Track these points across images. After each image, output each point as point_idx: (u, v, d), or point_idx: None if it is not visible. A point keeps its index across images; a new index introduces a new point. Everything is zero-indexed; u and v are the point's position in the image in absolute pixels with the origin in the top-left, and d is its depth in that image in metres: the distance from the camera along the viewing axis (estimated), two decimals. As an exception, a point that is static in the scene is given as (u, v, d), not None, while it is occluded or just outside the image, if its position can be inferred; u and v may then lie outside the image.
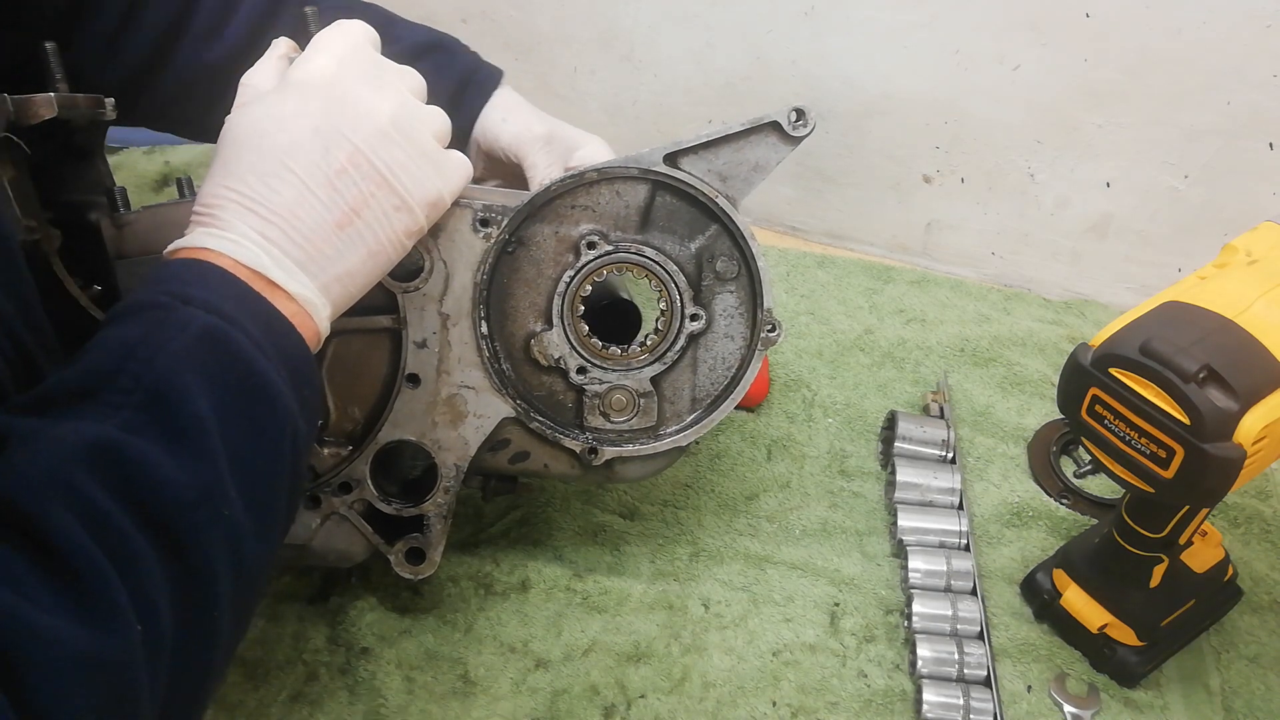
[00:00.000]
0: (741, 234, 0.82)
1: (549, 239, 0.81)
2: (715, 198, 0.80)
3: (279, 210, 0.63)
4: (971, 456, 1.12)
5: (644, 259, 0.82)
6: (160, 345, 0.54)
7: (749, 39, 1.39)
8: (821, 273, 1.40)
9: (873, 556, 1.02)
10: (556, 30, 1.50)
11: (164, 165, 1.48)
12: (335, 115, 0.65)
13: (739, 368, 0.86)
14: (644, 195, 0.81)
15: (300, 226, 0.63)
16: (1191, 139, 1.24)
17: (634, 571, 0.98)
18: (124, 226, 0.77)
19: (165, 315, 0.56)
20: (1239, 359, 0.72)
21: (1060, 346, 1.28)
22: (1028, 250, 1.42)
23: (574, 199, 0.81)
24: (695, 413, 0.87)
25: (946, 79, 1.31)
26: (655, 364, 0.85)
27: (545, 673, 0.89)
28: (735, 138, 0.79)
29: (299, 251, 0.63)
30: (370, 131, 0.66)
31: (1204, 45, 1.17)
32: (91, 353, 0.55)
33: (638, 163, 0.79)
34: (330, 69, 0.67)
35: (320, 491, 0.82)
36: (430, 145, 0.70)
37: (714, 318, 0.85)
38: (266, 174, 0.63)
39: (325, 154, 0.64)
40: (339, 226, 0.65)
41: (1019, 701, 0.89)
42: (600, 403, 0.85)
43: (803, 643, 0.93)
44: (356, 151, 0.65)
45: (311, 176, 0.64)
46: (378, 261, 0.68)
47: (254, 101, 0.68)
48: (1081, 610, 0.92)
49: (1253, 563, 1.02)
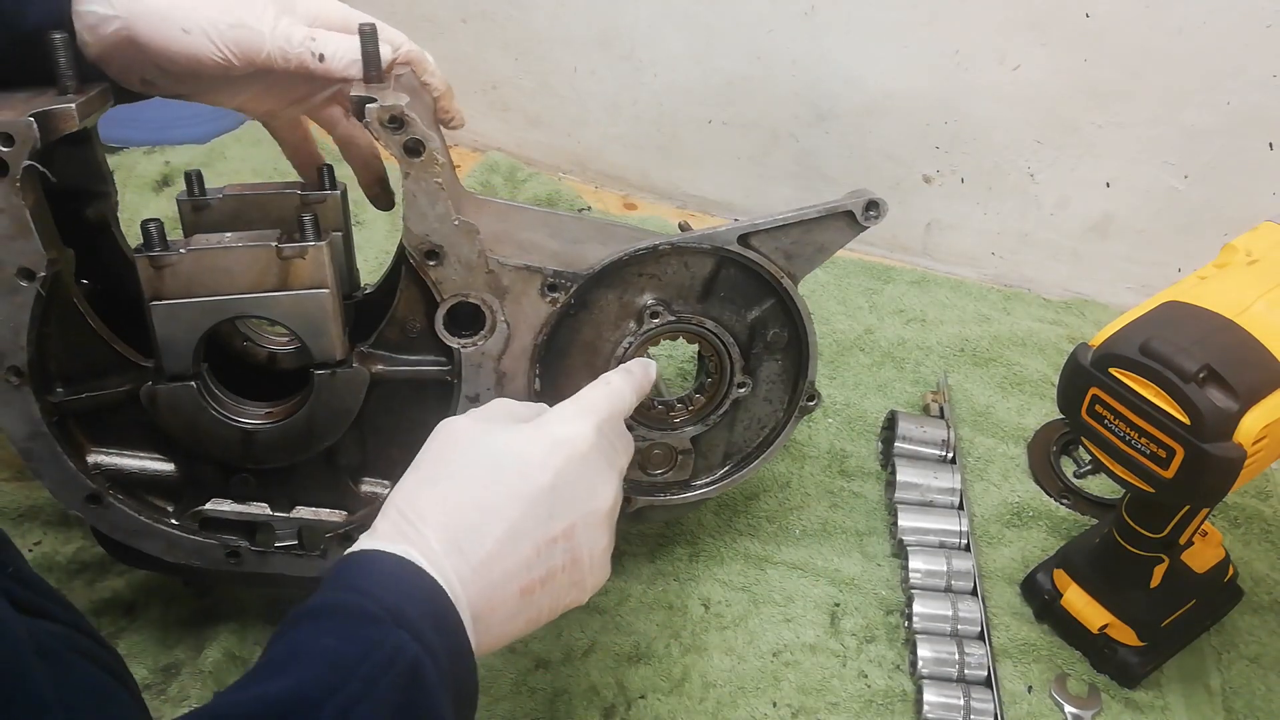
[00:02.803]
0: (799, 310, 0.83)
1: (612, 304, 0.81)
2: (780, 278, 0.81)
3: (478, 554, 0.60)
4: (971, 456, 1.12)
5: (704, 330, 0.83)
6: (370, 681, 0.52)
7: (749, 39, 1.39)
8: (821, 273, 1.40)
9: (873, 556, 1.02)
10: (556, 30, 1.50)
11: (164, 165, 1.48)
12: (571, 486, 0.64)
13: (774, 430, 0.89)
14: (710, 268, 0.81)
15: (488, 581, 0.60)
16: (1192, 139, 1.24)
17: (634, 571, 0.98)
18: (164, 267, 0.71)
19: (379, 638, 0.53)
20: (1239, 359, 0.72)
21: (1060, 346, 1.28)
22: (1028, 250, 1.42)
23: (641, 267, 0.80)
24: (726, 467, 0.91)
25: (946, 79, 1.31)
26: (697, 425, 0.87)
27: (545, 673, 0.89)
28: (809, 223, 0.80)
29: (481, 601, 0.60)
30: (590, 513, 0.65)
31: (1204, 45, 1.17)
32: (298, 665, 0.52)
33: (712, 240, 0.79)
34: (589, 439, 0.66)
35: (355, 532, 0.81)
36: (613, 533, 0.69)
37: (758, 383, 0.87)
38: (485, 510, 0.61)
39: (548, 520, 0.62)
40: (523, 592, 0.62)
41: (1019, 702, 0.89)
42: (640, 457, 0.87)
43: (803, 643, 0.93)
44: (572, 528, 0.64)
45: (525, 535, 0.61)
46: (531, 627, 0.65)
47: (501, 425, 0.66)
48: (1082, 610, 0.92)
49: (1253, 563, 1.02)
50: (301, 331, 0.75)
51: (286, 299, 0.73)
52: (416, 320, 0.79)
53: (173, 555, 0.82)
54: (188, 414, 0.77)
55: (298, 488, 0.82)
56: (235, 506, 0.82)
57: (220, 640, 0.88)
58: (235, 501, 0.82)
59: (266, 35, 0.72)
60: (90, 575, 0.94)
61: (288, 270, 0.72)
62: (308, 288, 0.73)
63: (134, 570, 0.93)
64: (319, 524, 0.82)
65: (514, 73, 1.58)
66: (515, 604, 0.62)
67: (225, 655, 0.87)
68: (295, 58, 0.73)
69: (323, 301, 0.73)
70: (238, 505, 0.82)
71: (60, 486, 0.78)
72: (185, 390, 0.76)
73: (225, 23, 0.72)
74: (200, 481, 0.81)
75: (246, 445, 0.78)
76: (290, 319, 0.74)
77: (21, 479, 1.01)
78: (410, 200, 0.73)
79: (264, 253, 0.72)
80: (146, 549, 0.82)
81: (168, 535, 0.81)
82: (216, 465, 0.80)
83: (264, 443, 0.78)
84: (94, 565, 0.94)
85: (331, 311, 0.74)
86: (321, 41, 0.73)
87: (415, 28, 1.57)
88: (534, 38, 1.52)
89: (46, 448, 0.76)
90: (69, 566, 0.94)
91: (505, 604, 0.61)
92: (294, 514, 0.82)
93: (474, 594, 0.59)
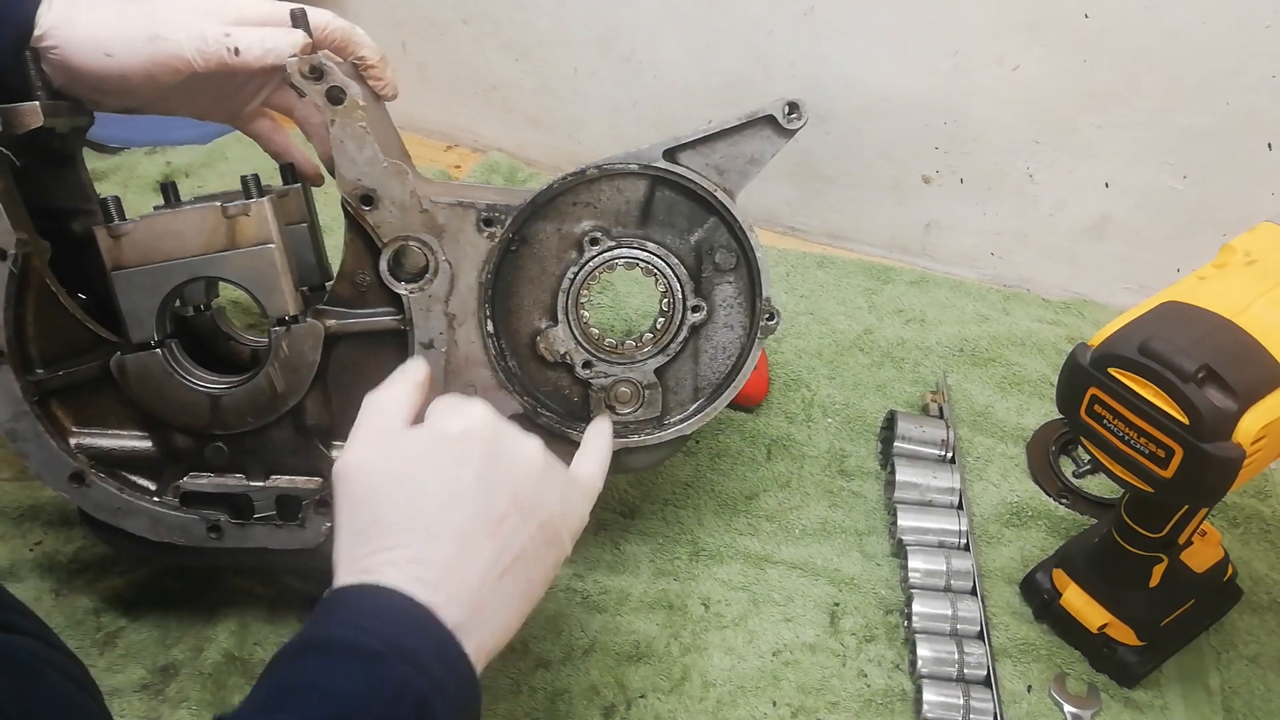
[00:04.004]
0: (739, 225, 0.83)
1: (551, 236, 0.82)
2: (714, 191, 0.81)
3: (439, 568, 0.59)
4: (971, 456, 1.12)
5: (647, 254, 0.83)
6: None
7: (749, 39, 1.39)
8: (821, 273, 1.40)
9: (872, 556, 1.02)
10: (556, 30, 1.50)
11: (165, 166, 1.48)
12: (494, 461, 0.63)
13: (739, 356, 0.87)
14: (644, 191, 0.82)
15: (464, 584, 0.60)
16: (1190, 139, 1.24)
17: (634, 571, 0.98)
18: (121, 236, 0.77)
19: (385, 675, 0.54)
20: (1238, 359, 0.72)
21: (1059, 346, 1.28)
22: (1026, 250, 1.42)
23: (575, 196, 0.81)
24: (698, 401, 0.88)
25: (945, 80, 1.32)
26: (659, 356, 0.86)
27: (545, 673, 0.89)
28: (731, 132, 0.81)
29: (462, 611, 0.59)
30: (525, 475, 0.64)
31: (1203, 46, 1.18)
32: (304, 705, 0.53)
33: (637, 159, 0.80)
34: (487, 416, 0.65)
35: (328, 495, 0.82)
36: (567, 472, 0.69)
37: (714, 308, 0.86)
38: (427, 529, 0.60)
39: (488, 502, 0.62)
40: (500, 575, 0.62)
41: (1019, 701, 0.89)
42: (606, 396, 0.86)
43: (803, 642, 0.93)
44: (516, 497, 0.63)
45: (475, 528, 0.61)
46: (529, 602, 0.65)
47: (400, 443, 0.64)
48: (1081, 610, 0.92)
49: (1252, 562, 1.02)
50: (254, 289, 0.79)
51: (236, 256, 0.78)
52: (365, 273, 0.82)
53: (157, 534, 0.84)
54: (156, 382, 0.81)
55: (271, 456, 0.84)
56: (213, 480, 0.84)
57: (220, 641, 0.88)
58: (213, 475, 0.84)
59: (183, 41, 0.76)
60: (90, 575, 0.94)
61: (234, 229, 0.77)
62: (255, 244, 0.78)
63: (134, 570, 0.94)
64: (295, 490, 0.84)
65: (514, 74, 1.58)
66: (500, 591, 0.61)
67: (225, 657, 0.87)
68: (213, 55, 0.77)
69: (270, 256, 0.78)
70: (216, 478, 0.84)
71: (44, 466, 0.81)
72: (151, 358, 0.80)
73: (141, 39, 0.76)
74: (176, 453, 0.84)
75: (215, 411, 0.82)
76: (242, 276, 0.79)
77: (22, 479, 1.01)
78: (339, 148, 0.77)
79: (211, 213, 0.77)
80: (131, 528, 0.83)
81: (150, 513, 0.83)
82: (190, 435, 0.83)
83: (231, 407, 0.82)
84: (94, 565, 0.94)
85: (280, 266, 0.79)
86: (235, 36, 0.77)
87: (416, 29, 1.58)
88: (534, 39, 1.52)
89: (30, 427, 0.80)
90: (69, 566, 0.94)
91: (491, 598, 0.61)
92: (269, 483, 0.85)
93: (454, 610, 0.59)
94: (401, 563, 0.59)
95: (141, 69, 0.76)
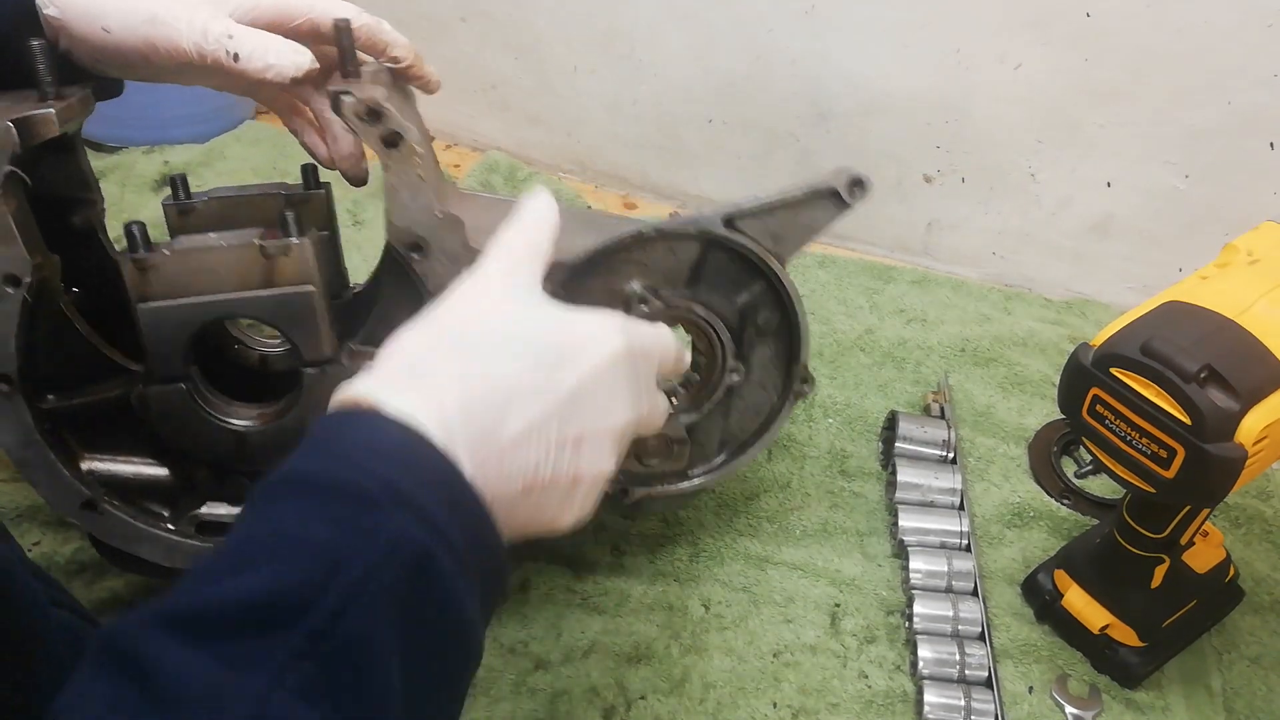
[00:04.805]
0: (788, 292, 0.82)
1: (599, 291, 0.80)
2: (768, 259, 0.80)
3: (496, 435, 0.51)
4: (972, 457, 1.12)
5: (694, 316, 0.82)
6: (364, 577, 0.42)
7: (749, 38, 1.39)
8: (822, 273, 1.40)
9: (873, 557, 1.02)
10: (556, 30, 1.50)
11: (163, 165, 1.47)
12: (591, 396, 0.55)
13: (770, 416, 0.88)
14: (697, 253, 0.80)
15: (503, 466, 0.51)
16: (1193, 138, 1.24)
17: (634, 572, 0.98)
18: (149, 269, 0.70)
19: (373, 522, 0.44)
20: (1240, 359, 0.71)
21: (1061, 346, 1.27)
22: (1029, 250, 1.42)
23: (628, 254, 0.79)
24: (722, 455, 0.90)
25: (947, 78, 1.31)
26: (691, 413, 0.86)
27: (545, 674, 0.89)
28: (792, 203, 0.79)
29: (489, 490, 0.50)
30: (603, 429, 0.56)
31: (1205, 44, 1.17)
32: (278, 557, 0.43)
33: (697, 224, 0.78)
34: (619, 350, 0.57)
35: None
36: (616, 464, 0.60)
37: (751, 368, 0.86)
38: (508, 391, 0.52)
39: (563, 423, 0.54)
40: (525, 490, 0.53)
41: (1020, 702, 0.89)
42: (635, 448, 0.85)
43: (803, 644, 0.93)
44: (581, 439, 0.55)
45: (541, 430, 0.53)
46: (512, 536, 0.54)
47: (530, 299, 0.58)
48: (1083, 611, 0.91)
49: (1254, 563, 1.02)
50: (289, 330, 0.74)
51: (272, 297, 0.72)
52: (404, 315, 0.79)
53: (171, 560, 0.81)
54: (179, 417, 0.76)
55: None
56: (231, 510, 0.81)
57: (219, 641, 0.87)
58: (231, 505, 0.81)
59: (183, 31, 0.70)
60: (90, 576, 0.94)
61: (272, 268, 0.72)
62: (293, 285, 0.72)
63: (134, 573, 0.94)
64: None
65: (514, 72, 1.58)
66: (514, 502, 0.53)
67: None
68: (211, 54, 0.71)
69: (309, 299, 0.73)
70: (234, 509, 0.81)
71: (55, 494, 0.78)
72: (176, 392, 0.75)
73: (140, 18, 0.70)
74: (195, 486, 0.81)
75: (240, 447, 0.78)
76: (277, 318, 0.74)
77: (19, 479, 1.00)
78: (392, 194, 0.73)
79: (248, 251, 0.71)
80: (145, 555, 0.81)
81: (165, 541, 0.81)
82: (210, 469, 0.80)
83: (257, 444, 0.78)
84: (93, 566, 0.94)
85: (318, 309, 0.73)
86: (238, 39, 0.71)
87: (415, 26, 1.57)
88: (534, 37, 1.52)
89: (40, 456, 0.76)
90: (68, 567, 0.94)
91: (506, 499, 0.52)
92: None
93: (484, 480, 0.49)
94: (426, 391, 0.49)
95: (137, 50, 0.71)
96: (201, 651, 0.39)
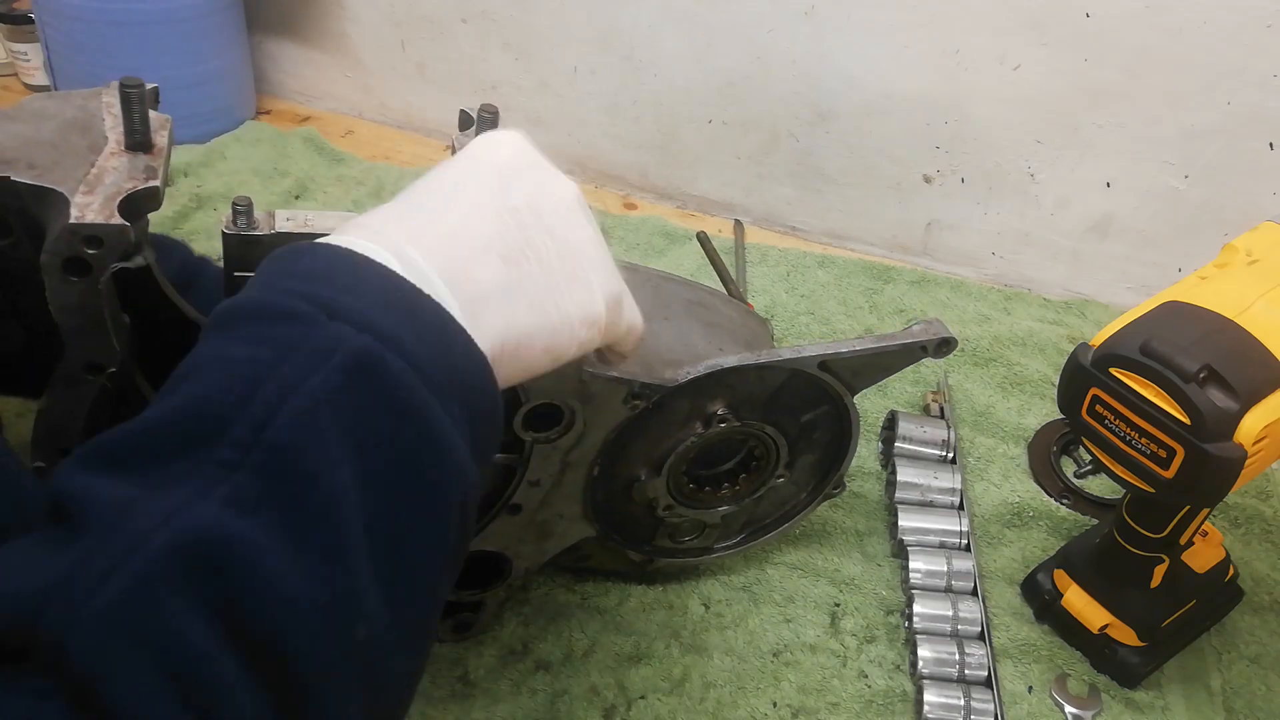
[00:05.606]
0: (851, 419, 0.87)
1: (683, 408, 0.82)
2: (844, 394, 0.84)
3: (431, 220, 0.49)
4: (972, 456, 1.12)
5: (764, 435, 0.85)
6: (294, 382, 0.39)
7: (749, 39, 1.39)
8: (821, 273, 1.40)
9: (873, 556, 1.02)
10: (556, 30, 1.50)
11: (164, 165, 1.47)
12: (520, 165, 0.53)
13: (796, 509, 0.94)
14: (781, 380, 0.83)
15: (456, 245, 0.48)
16: (1192, 139, 1.24)
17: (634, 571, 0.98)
18: (253, 244, 0.69)
19: (303, 333, 0.41)
20: (1239, 359, 0.71)
21: (1061, 346, 1.27)
22: (1028, 250, 1.42)
23: (720, 378, 0.80)
24: (743, 535, 0.95)
25: (947, 79, 1.31)
26: (732, 504, 0.90)
27: (545, 674, 0.89)
28: (883, 352, 0.82)
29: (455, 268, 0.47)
30: (548, 194, 0.53)
31: (1204, 45, 1.17)
32: (196, 379, 0.40)
33: (794, 363, 0.81)
34: (524, 142, 0.55)
35: None
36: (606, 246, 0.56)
37: (794, 471, 0.90)
38: (429, 191, 0.51)
39: (503, 191, 0.51)
40: (504, 259, 0.49)
41: (1020, 702, 0.89)
42: (671, 529, 0.91)
43: (803, 643, 0.93)
44: (532, 201, 0.51)
45: (480, 202, 0.50)
46: (543, 329, 0.50)
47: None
48: (1082, 611, 0.92)
49: (1254, 563, 1.02)
50: None
51: None
52: None
53: None
54: None
55: None
56: None
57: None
58: None
59: None
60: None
61: None
62: None
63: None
64: None
65: (514, 72, 1.58)
66: (503, 274, 0.48)
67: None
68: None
69: None
70: None
71: None
72: None
73: None
74: None
75: None
76: None
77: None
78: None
79: None
80: None
81: None
82: None
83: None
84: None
85: None
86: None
87: (415, 27, 1.58)
88: (534, 38, 1.52)
89: None
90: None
91: (488, 272, 0.48)
92: None
93: (441, 261, 0.46)
94: (363, 224, 0.47)
95: None
96: (118, 478, 0.37)
